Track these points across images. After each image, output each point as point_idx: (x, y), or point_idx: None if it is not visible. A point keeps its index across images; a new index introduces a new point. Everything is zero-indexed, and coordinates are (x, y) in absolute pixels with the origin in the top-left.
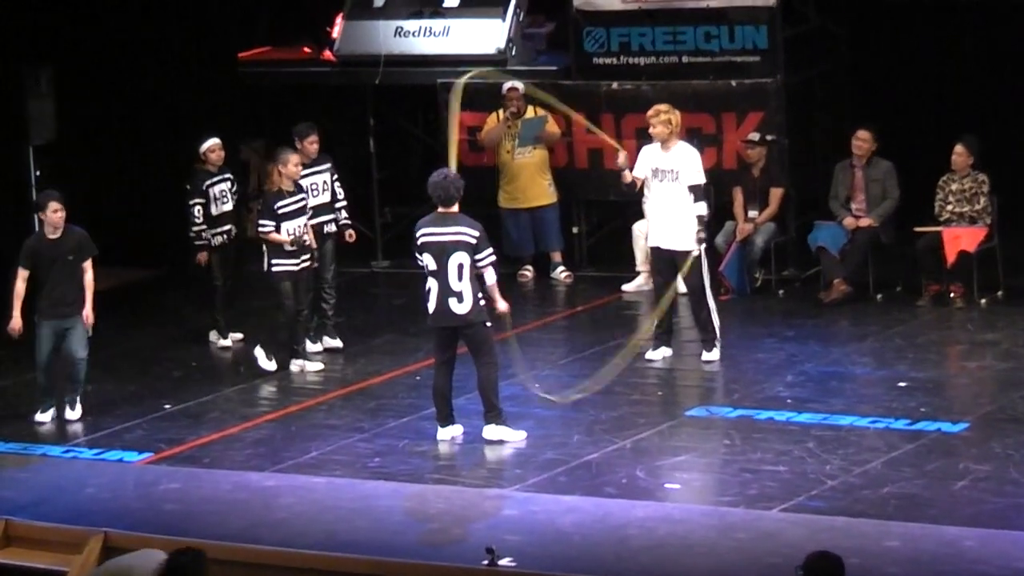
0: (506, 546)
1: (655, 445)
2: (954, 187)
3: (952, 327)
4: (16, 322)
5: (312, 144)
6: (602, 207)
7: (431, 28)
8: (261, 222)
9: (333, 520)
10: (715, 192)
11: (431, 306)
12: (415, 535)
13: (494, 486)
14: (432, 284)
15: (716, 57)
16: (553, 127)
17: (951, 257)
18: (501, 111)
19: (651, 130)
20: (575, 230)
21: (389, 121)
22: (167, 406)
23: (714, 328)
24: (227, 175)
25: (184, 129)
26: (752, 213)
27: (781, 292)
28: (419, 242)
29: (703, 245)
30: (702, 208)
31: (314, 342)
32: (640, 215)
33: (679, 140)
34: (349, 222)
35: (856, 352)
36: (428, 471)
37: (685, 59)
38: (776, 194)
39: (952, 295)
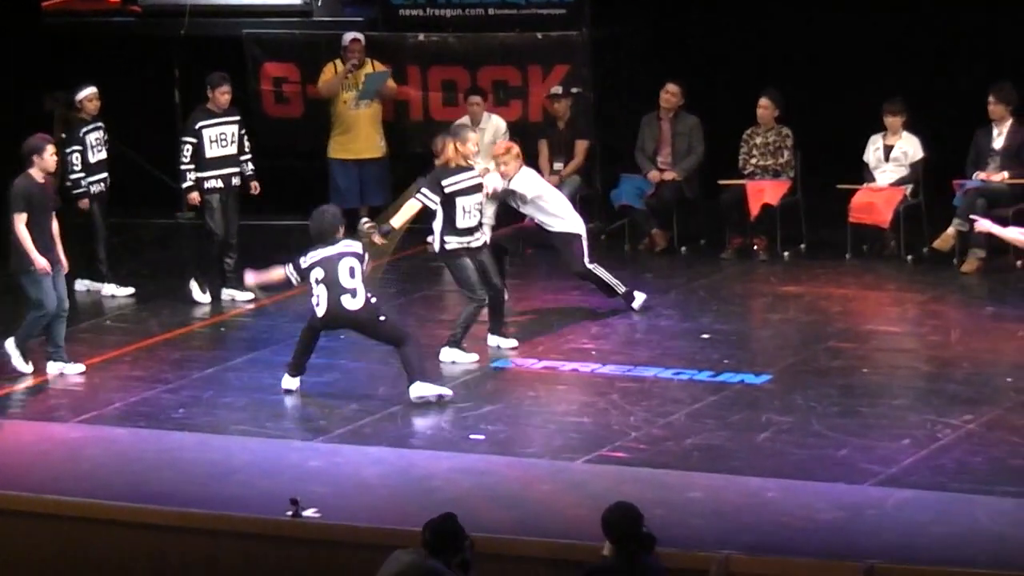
0: (311, 497)
1: (460, 396)
2: (758, 140)
3: (755, 280)
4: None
5: (224, 95)
6: (406, 159)
7: None
8: (424, 191)
9: (139, 471)
10: (521, 144)
11: (321, 310)
12: (220, 486)
13: (298, 438)
14: (320, 290)
15: (522, 10)
16: (392, 83)
17: (754, 210)
18: (339, 61)
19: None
20: None
21: (195, 72)
22: None
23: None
24: (100, 124)
25: None
26: (558, 166)
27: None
28: (308, 264)
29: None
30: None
31: (204, 293)
32: None
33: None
34: (253, 173)
35: (660, 304)
36: (233, 423)
37: (491, 11)
38: (582, 147)
39: (755, 248)
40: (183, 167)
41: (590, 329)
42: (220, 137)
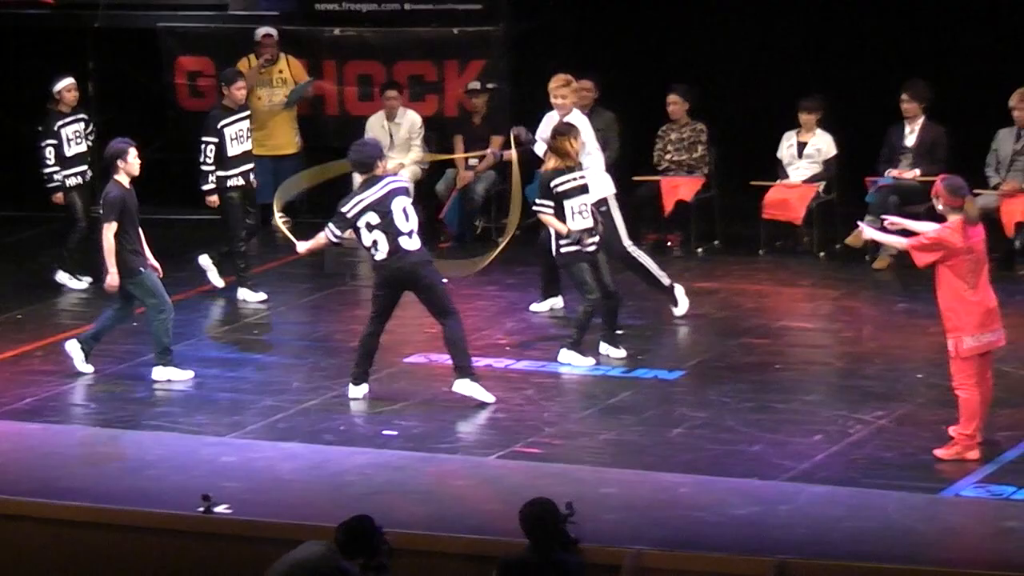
0: (223, 493)
1: (374, 392)
2: (673, 136)
3: (669, 276)
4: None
5: (240, 90)
6: (322, 153)
7: None
8: (539, 201)
9: (50, 467)
10: (437, 139)
11: (381, 253)
12: (132, 481)
13: (212, 433)
14: (377, 236)
15: (439, 4)
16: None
17: (669, 206)
18: (253, 56)
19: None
20: None
21: (109, 64)
22: None
23: (660, 281)
24: (81, 116)
25: None
26: (473, 161)
27: (500, 240)
28: (357, 211)
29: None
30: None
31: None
32: None
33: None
34: None
35: (575, 299)
36: (146, 418)
37: (407, 6)
38: (497, 142)
39: (670, 244)
40: (205, 168)
41: (505, 324)
42: (239, 134)
